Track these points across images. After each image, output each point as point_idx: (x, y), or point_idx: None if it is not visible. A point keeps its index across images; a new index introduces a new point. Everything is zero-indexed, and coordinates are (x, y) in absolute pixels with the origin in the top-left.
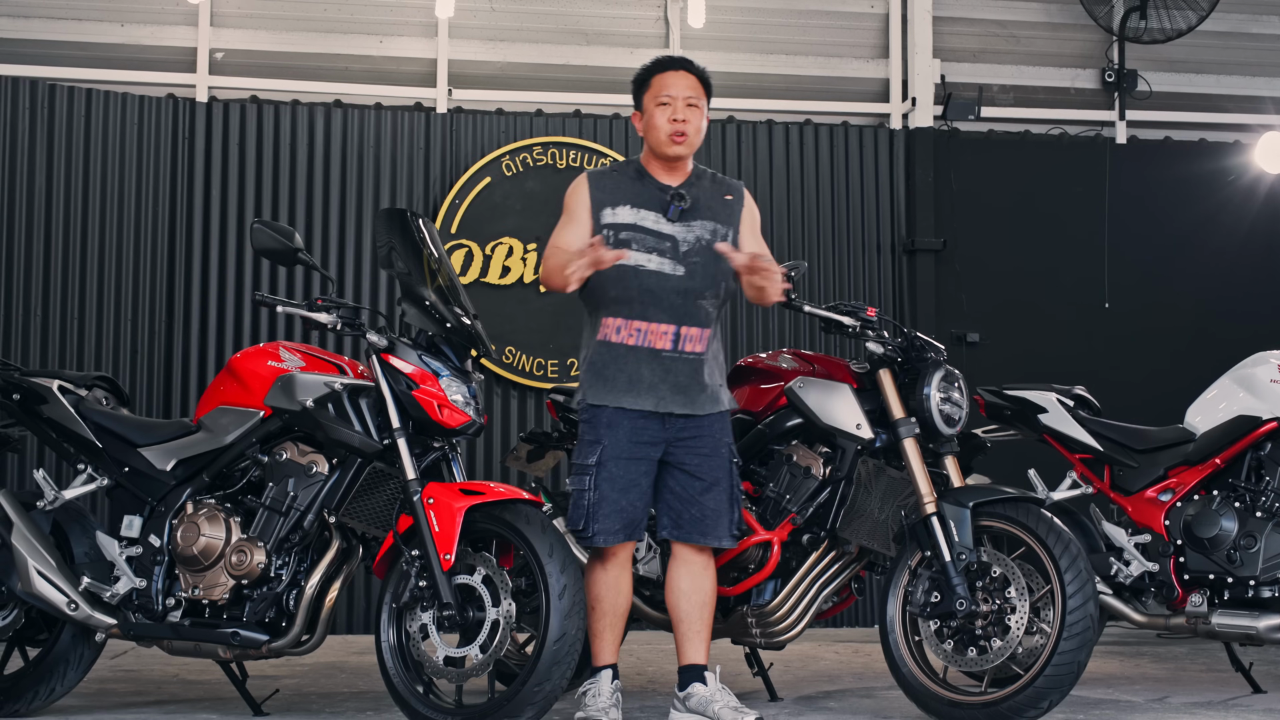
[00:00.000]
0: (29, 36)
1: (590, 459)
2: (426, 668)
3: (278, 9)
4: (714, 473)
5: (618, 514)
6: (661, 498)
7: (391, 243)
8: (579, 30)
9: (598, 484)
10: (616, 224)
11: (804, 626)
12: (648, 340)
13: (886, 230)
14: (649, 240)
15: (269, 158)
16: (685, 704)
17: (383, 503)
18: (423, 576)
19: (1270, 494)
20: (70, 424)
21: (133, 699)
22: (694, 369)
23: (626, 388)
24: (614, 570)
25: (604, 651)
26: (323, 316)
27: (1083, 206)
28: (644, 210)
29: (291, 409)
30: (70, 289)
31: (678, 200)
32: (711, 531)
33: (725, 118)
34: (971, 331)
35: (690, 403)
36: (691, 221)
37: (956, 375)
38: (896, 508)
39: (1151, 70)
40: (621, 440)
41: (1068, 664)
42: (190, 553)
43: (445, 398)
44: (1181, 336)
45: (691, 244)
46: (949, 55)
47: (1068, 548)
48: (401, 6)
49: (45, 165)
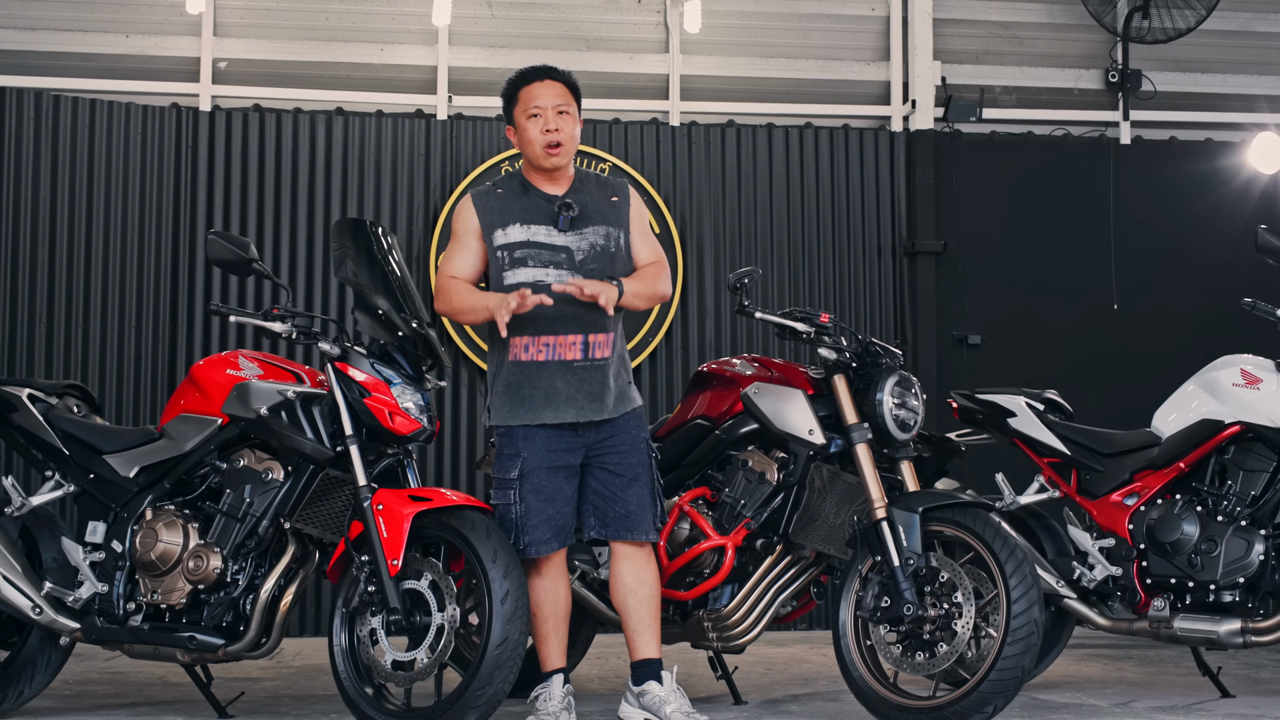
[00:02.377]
0: (36, 48)
1: (512, 473)
2: (376, 671)
3: (280, 18)
4: (634, 468)
5: (546, 523)
6: (585, 498)
7: (346, 252)
8: (579, 36)
9: (522, 496)
10: (510, 244)
11: (760, 630)
12: (558, 353)
13: (887, 233)
14: (544, 255)
15: (271, 165)
16: (639, 700)
17: (338, 509)
18: (371, 582)
19: (1232, 498)
20: (38, 431)
21: (109, 701)
22: (603, 374)
23: (544, 404)
24: (550, 577)
25: (551, 656)
26: (277, 326)
27: (1087, 207)
28: (534, 225)
29: (247, 416)
30: (75, 297)
31: (565, 210)
32: (638, 527)
33: (725, 122)
34: (973, 334)
35: (605, 408)
36: (583, 229)
37: (913, 381)
38: (853, 513)
39: (1156, 70)
40: (540, 451)
41: (1012, 669)
42: (149, 558)
43: (396, 405)
44: (1189, 338)
45: (586, 252)
46: (951, 57)
47: (1013, 553)
48: (402, 15)
49: (50, 175)
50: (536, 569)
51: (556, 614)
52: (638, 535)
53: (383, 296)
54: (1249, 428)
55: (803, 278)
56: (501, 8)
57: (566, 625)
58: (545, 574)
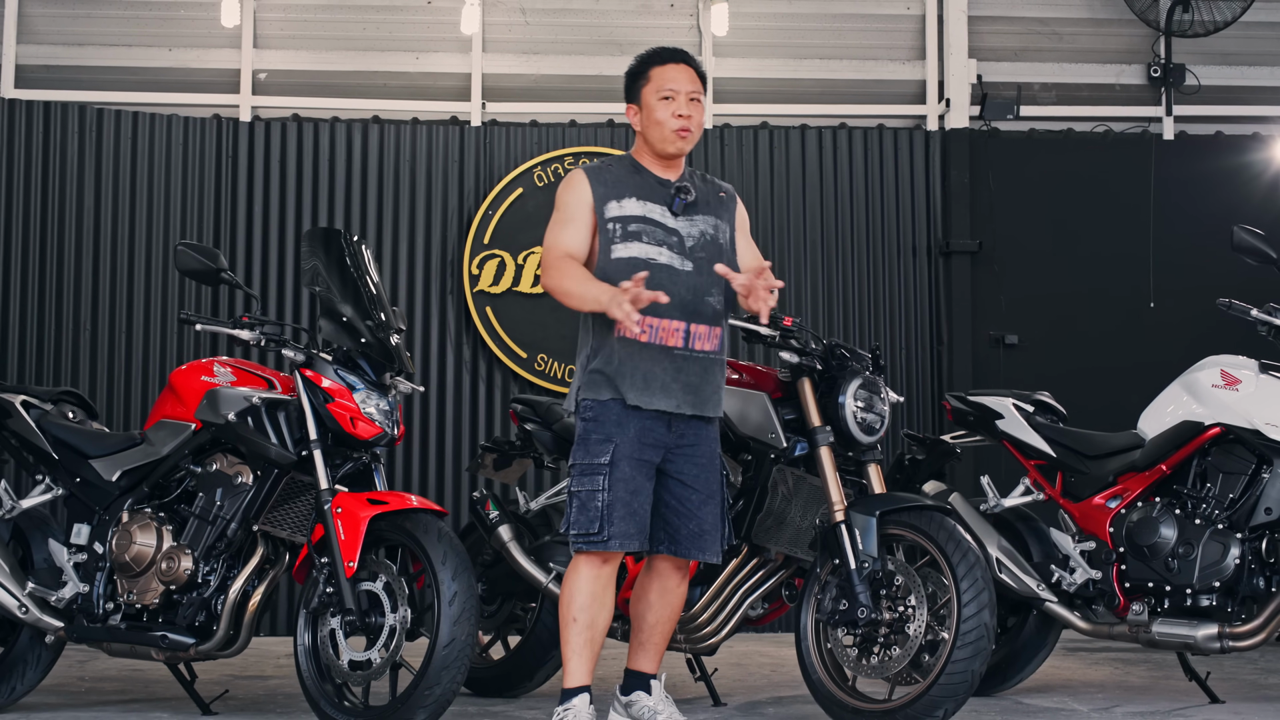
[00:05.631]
0: (84, 63)
1: (602, 458)
2: (334, 671)
3: (318, 29)
4: (710, 484)
5: (632, 517)
6: (655, 510)
7: (316, 261)
8: (612, 41)
9: (611, 484)
10: (624, 216)
11: (728, 633)
12: (659, 337)
13: (922, 233)
14: (658, 233)
15: (309, 174)
16: (627, 710)
17: (305, 512)
18: (330, 583)
19: (1211, 501)
20: (30, 436)
21: (114, 698)
22: (704, 368)
23: (643, 386)
24: (604, 580)
25: (579, 671)
26: (244, 334)
27: (1127, 204)
28: (649, 203)
29: (216, 422)
30: (118, 305)
31: (682, 194)
32: (709, 547)
33: (759, 123)
34: (1010, 334)
35: (702, 403)
36: (694, 216)
37: (879, 384)
38: (818, 516)
39: (1200, 64)
40: (631, 440)
41: (961, 673)
42: (124, 559)
43: (359, 411)
44: (1230, 338)
45: (696, 239)
46: (989, 55)
47: (965, 556)
48: (437, 24)
49: (94, 186)
50: (592, 570)
51: (596, 624)
52: (708, 555)
53: (348, 304)
54: (1228, 429)
55: (837, 279)
56: (535, 14)
57: (602, 641)
58: (602, 575)
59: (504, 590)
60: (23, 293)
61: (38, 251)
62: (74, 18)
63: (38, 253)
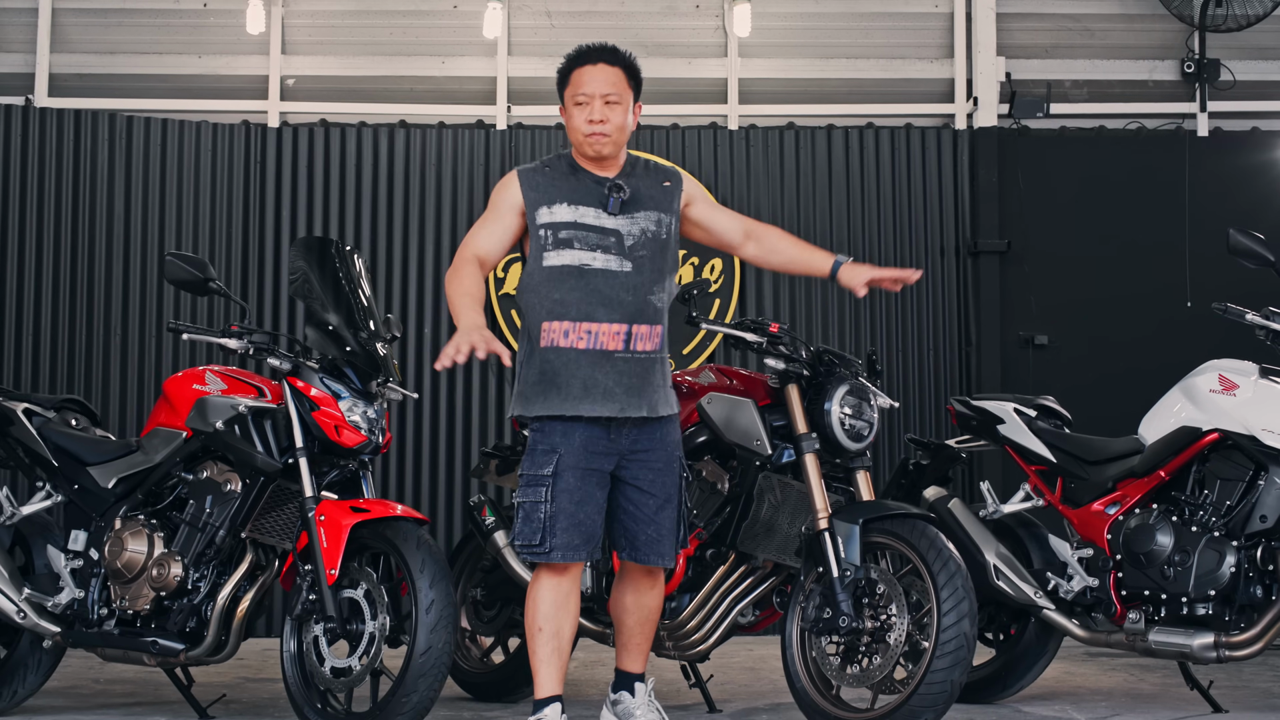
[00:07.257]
0: (115, 71)
1: (545, 469)
2: (318, 677)
3: (344, 35)
4: (668, 489)
5: (576, 528)
6: (614, 516)
7: (307, 270)
8: (638, 43)
9: (554, 495)
10: (555, 223)
11: (717, 639)
12: (599, 342)
13: (950, 233)
14: (592, 237)
15: (336, 178)
16: (613, 708)
17: (293, 519)
18: (313, 590)
19: (1208, 508)
20: (31, 444)
21: (119, 700)
22: (645, 368)
23: (582, 394)
24: (564, 589)
25: (549, 681)
26: (232, 343)
27: (1160, 202)
28: (582, 206)
29: (206, 430)
30: (148, 310)
31: (616, 192)
32: (667, 552)
33: (785, 124)
34: (1040, 334)
35: (646, 404)
36: (635, 214)
37: (868, 390)
38: (805, 523)
39: (1235, 58)
40: (577, 450)
41: (941, 682)
42: (116, 566)
43: (343, 419)
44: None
45: (637, 237)
46: (1019, 52)
47: (945, 565)
48: (463, 27)
49: (124, 193)
50: (551, 579)
51: (561, 634)
52: (667, 560)
53: (335, 313)
54: (1226, 435)
55: None
56: (560, 17)
57: (570, 649)
58: (561, 584)
59: (503, 595)
60: (54, 298)
61: (69, 258)
62: (105, 27)
63: (69, 259)
